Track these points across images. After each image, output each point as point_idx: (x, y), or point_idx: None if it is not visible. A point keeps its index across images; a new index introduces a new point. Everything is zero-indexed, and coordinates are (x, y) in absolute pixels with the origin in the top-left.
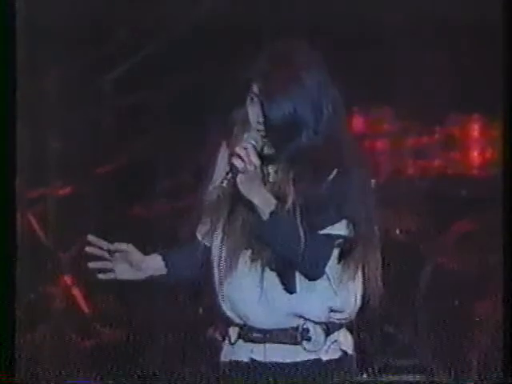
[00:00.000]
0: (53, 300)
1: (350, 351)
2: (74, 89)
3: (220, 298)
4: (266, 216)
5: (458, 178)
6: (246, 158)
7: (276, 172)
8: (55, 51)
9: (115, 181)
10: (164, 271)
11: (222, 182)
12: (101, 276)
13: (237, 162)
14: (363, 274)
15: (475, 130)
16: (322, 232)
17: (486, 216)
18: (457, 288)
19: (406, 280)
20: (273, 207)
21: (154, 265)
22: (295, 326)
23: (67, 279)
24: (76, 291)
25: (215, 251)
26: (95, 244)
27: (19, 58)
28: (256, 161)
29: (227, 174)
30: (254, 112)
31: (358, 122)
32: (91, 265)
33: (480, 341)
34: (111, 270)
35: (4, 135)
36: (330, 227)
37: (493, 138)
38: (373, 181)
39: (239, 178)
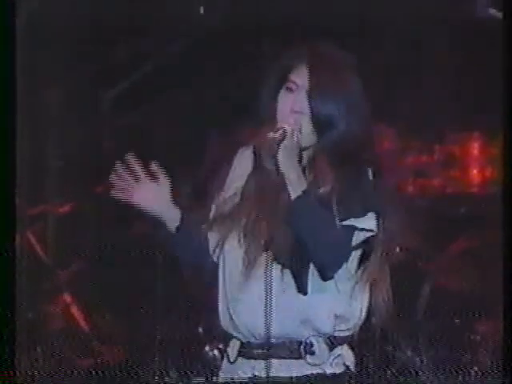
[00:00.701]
0: (52, 318)
1: (352, 367)
2: (74, 107)
3: (224, 311)
4: (297, 193)
5: (458, 196)
6: (294, 125)
7: (310, 160)
8: (56, 70)
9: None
10: (175, 224)
11: (276, 132)
12: (117, 194)
13: (287, 125)
14: (371, 289)
15: (475, 148)
16: (348, 223)
17: (486, 234)
18: (457, 306)
19: (405, 298)
20: (305, 186)
21: (172, 212)
22: (299, 339)
23: (66, 297)
24: (75, 309)
25: (228, 262)
26: (130, 164)
27: (19, 78)
28: (299, 135)
29: (275, 132)
30: (289, 101)
31: None
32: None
33: (480, 359)
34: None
35: (4, 153)
36: (357, 219)
37: (492, 156)
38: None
39: (283, 145)
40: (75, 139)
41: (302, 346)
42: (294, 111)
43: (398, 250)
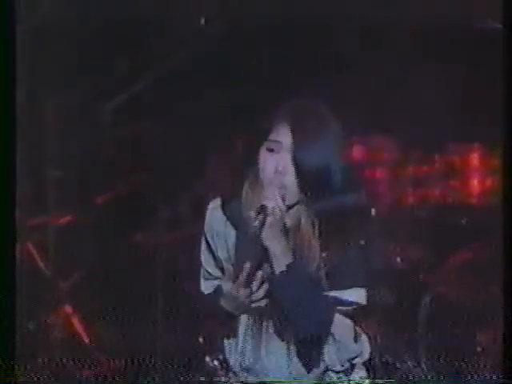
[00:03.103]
0: (52, 329)
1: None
2: (74, 118)
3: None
4: (281, 268)
5: (458, 207)
6: (276, 201)
7: (296, 221)
8: (55, 81)
9: (115, 210)
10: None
11: (254, 221)
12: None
13: (268, 203)
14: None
15: (475, 158)
16: (335, 295)
17: (486, 244)
18: (457, 316)
19: (406, 308)
20: (290, 259)
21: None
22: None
23: (67, 308)
24: (75, 320)
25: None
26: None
27: (19, 88)
28: (283, 206)
29: (258, 214)
30: (272, 161)
31: (357, 151)
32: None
33: (481, 370)
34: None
35: (4, 163)
36: (344, 292)
37: (492, 166)
38: (373, 210)
39: (267, 222)
40: (75, 150)
41: (318, 378)
42: (277, 171)
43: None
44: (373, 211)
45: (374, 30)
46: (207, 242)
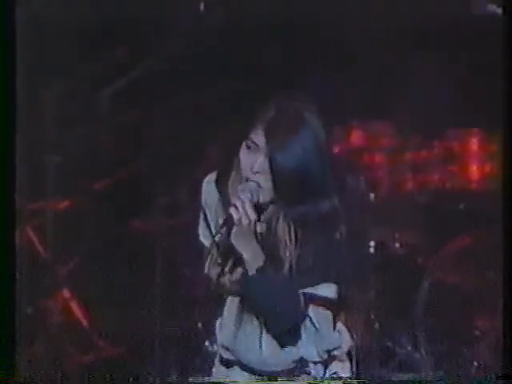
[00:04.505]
0: (51, 314)
1: (348, 374)
2: (73, 103)
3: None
4: (252, 271)
5: (457, 192)
6: (241, 210)
7: (271, 225)
8: (55, 66)
9: (114, 195)
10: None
11: (215, 236)
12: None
13: (233, 213)
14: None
15: (474, 143)
16: (307, 291)
17: (485, 230)
18: (456, 302)
19: (404, 294)
20: (261, 263)
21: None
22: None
23: (65, 293)
24: (74, 305)
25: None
26: None
27: (19, 73)
28: (252, 214)
29: (222, 226)
30: (250, 160)
31: (357, 137)
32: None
33: (479, 355)
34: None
35: (3, 149)
36: (316, 287)
37: (492, 151)
38: (372, 195)
39: (233, 231)
40: (74, 135)
41: (296, 369)
42: (254, 171)
43: None
44: (371, 196)
45: (373, 17)
46: (204, 214)
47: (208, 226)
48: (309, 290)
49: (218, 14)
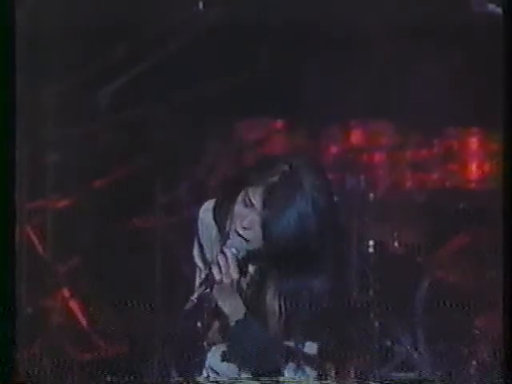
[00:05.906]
0: (51, 313)
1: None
2: (73, 102)
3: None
4: (232, 323)
5: (457, 191)
6: (224, 269)
7: (258, 284)
8: (54, 64)
9: (114, 194)
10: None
11: (194, 297)
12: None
13: (215, 273)
14: None
15: (474, 142)
16: (289, 345)
17: (485, 229)
18: (456, 301)
19: (404, 293)
20: (240, 316)
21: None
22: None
23: (65, 292)
24: (74, 304)
25: None
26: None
27: (18, 71)
28: (234, 273)
29: (200, 285)
30: (242, 215)
31: (356, 135)
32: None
33: (479, 354)
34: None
35: (3, 148)
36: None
37: (492, 150)
38: (371, 194)
39: (215, 288)
40: (74, 134)
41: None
42: (244, 227)
43: None
44: (371, 195)
45: (372, 16)
46: (199, 242)
47: (202, 251)
48: (290, 343)
49: (217, 13)
